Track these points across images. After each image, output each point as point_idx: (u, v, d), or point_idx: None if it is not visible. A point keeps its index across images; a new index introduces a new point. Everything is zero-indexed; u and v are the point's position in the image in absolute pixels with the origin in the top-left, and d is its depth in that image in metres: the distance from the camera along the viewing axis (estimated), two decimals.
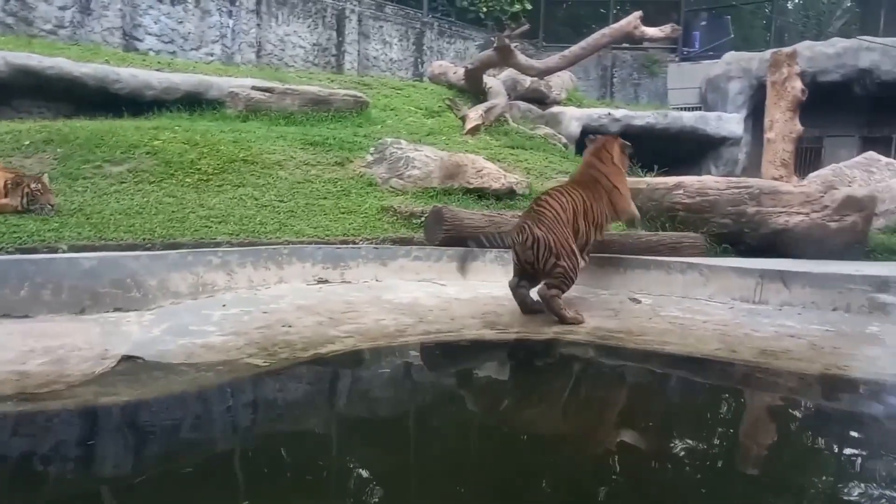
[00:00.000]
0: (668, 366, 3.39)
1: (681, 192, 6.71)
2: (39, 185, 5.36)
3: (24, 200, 5.30)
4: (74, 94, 8.52)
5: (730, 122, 15.07)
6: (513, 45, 10.75)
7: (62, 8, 10.69)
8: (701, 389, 3.22)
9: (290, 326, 3.52)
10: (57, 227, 5.06)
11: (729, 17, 21.83)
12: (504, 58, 10.73)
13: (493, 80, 11.94)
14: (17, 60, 8.00)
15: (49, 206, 5.37)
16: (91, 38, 10.87)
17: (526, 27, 12.07)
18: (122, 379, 2.77)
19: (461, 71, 12.32)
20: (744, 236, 6.36)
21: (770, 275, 4.62)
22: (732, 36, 20.70)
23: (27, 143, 6.66)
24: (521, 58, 11.06)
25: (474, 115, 10.27)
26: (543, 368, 3.53)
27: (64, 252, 4.59)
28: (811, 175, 9.57)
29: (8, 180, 5.30)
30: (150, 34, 11.74)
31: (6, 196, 5.29)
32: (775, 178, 8.49)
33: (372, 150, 7.72)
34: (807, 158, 15.22)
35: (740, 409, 2.99)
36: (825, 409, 2.95)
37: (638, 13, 11.29)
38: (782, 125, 9.15)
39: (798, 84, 9.20)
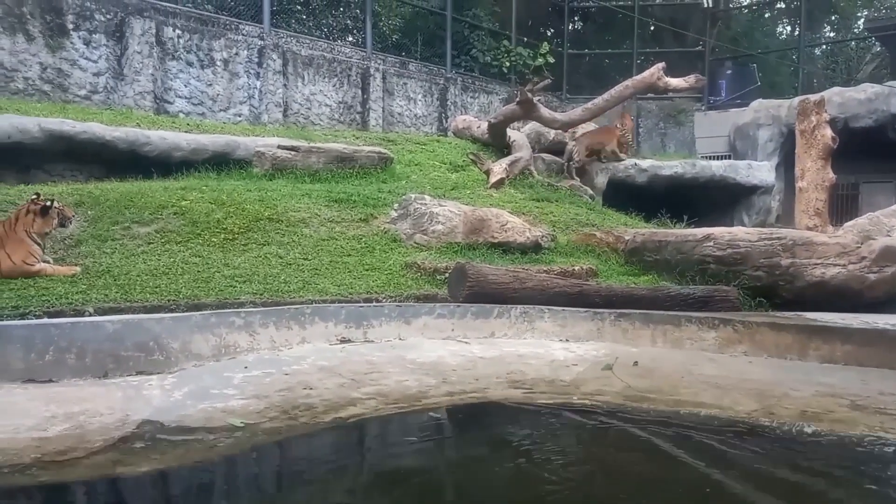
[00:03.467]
0: (704, 431, 3.18)
1: (711, 244, 6.60)
2: (60, 204, 5.86)
3: (56, 222, 5.76)
4: (105, 158, 8.75)
5: (760, 171, 14.84)
6: (536, 98, 10.86)
7: (96, 74, 11.07)
8: (738, 459, 2.95)
9: (311, 389, 3.46)
10: (84, 290, 5.13)
11: (755, 64, 21.79)
12: (527, 111, 10.83)
13: (517, 134, 12.03)
14: (52, 126, 8.26)
15: (73, 218, 6.01)
16: (124, 103, 11.21)
17: (548, 81, 12.22)
18: (141, 447, 2.73)
19: (484, 125, 12.45)
20: (779, 289, 6.20)
21: (808, 330, 4.44)
22: (759, 84, 20.63)
23: None
24: (545, 111, 11.15)
25: (498, 168, 10.32)
26: (575, 434, 3.33)
27: (90, 315, 4.63)
28: (847, 224, 9.36)
29: (34, 212, 5.64)
30: (180, 97, 12.07)
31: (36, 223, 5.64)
32: (809, 228, 8.31)
33: (396, 205, 7.76)
34: (844, 205, 14.92)
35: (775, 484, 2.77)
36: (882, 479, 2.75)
37: (661, 64, 11.34)
38: (814, 174, 8.95)
39: (828, 132, 9.02)
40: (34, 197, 5.71)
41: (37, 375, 3.39)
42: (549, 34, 22.33)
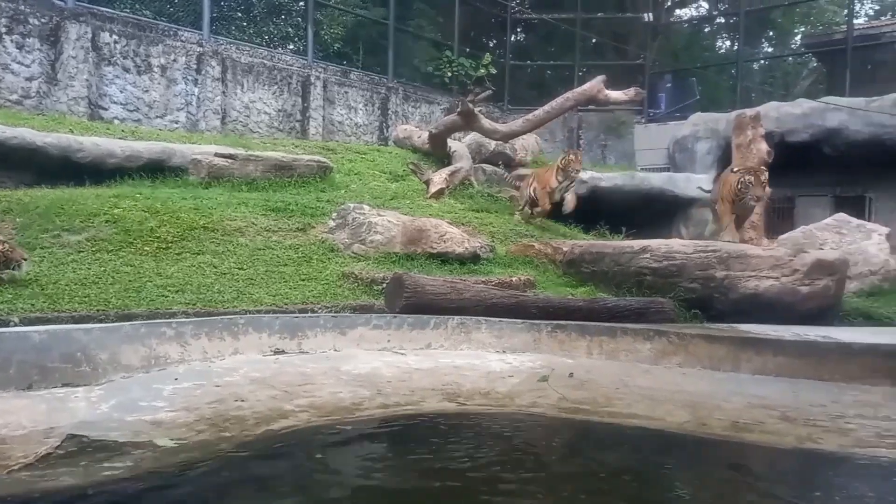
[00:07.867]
0: (636, 442, 3.26)
1: (647, 256, 6.70)
2: (6, 245, 5.27)
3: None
4: (37, 164, 8.48)
5: (698, 183, 14.98)
6: (477, 108, 10.97)
7: (28, 79, 10.75)
8: (666, 469, 3.05)
9: (243, 401, 3.44)
10: (10, 299, 4.99)
11: (694, 78, 22.24)
12: (468, 122, 10.93)
13: (458, 144, 12.13)
14: None
15: (23, 261, 5.29)
16: (57, 108, 10.90)
17: (489, 92, 12.38)
18: (65, 461, 2.68)
19: (425, 135, 12.51)
20: (714, 301, 6.30)
21: (741, 342, 4.54)
22: (698, 97, 20.98)
23: None
24: (485, 122, 11.27)
25: (438, 178, 10.40)
26: (504, 446, 3.29)
27: (16, 325, 4.50)
28: (781, 237, 9.57)
29: None
30: (115, 103, 11.80)
31: None
32: (745, 241, 8.53)
33: (334, 215, 7.74)
34: (779, 218, 15.28)
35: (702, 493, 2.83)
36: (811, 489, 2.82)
37: (602, 77, 11.51)
38: None
39: (763, 146, 9.21)
40: None
41: None
42: (491, 45, 22.62)
